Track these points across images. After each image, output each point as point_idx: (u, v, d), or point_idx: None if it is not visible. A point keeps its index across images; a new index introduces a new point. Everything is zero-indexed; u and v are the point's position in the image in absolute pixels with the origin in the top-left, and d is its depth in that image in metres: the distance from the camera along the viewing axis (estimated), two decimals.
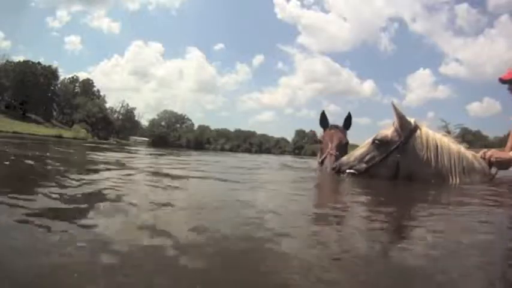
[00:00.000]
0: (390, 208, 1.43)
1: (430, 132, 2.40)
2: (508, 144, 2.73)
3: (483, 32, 78.68)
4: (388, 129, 2.49)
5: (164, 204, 1.18)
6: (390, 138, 2.42)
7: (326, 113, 3.39)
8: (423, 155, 2.32)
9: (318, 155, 3.33)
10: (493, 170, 2.50)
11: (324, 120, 3.39)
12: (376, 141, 2.46)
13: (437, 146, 2.33)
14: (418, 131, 2.38)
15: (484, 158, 2.48)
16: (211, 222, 0.98)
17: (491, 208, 1.52)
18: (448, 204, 1.64)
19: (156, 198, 1.33)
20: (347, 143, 3.16)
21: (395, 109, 2.43)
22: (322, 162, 3.05)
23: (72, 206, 1.11)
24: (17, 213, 0.92)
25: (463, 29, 79.68)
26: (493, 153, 2.49)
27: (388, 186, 2.29)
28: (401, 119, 2.41)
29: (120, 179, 1.89)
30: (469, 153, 2.41)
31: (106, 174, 2.17)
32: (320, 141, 3.30)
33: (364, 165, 2.45)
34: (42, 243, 0.73)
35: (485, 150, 2.59)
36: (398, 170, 2.35)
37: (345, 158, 2.60)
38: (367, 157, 2.47)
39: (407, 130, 2.38)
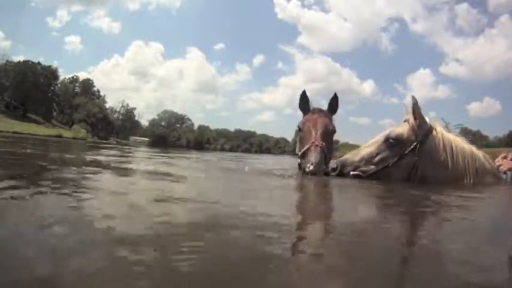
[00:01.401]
0: None
1: (444, 133, 2.26)
2: None
3: (483, 32, 78.95)
4: (401, 127, 2.28)
5: None
6: (406, 138, 2.20)
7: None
8: (440, 156, 2.17)
9: (297, 147, 2.62)
10: (503, 174, 2.43)
11: (304, 102, 2.72)
12: (391, 140, 2.22)
13: (452, 147, 2.19)
14: (434, 131, 2.22)
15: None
16: None
17: None
18: None
19: None
20: (334, 130, 2.55)
21: (416, 107, 2.22)
22: (303, 156, 2.37)
23: None
24: None
25: (463, 29, 79.94)
26: (505, 164, 2.43)
27: None
28: (421, 118, 2.23)
29: None
30: (480, 153, 2.32)
31: None
32: (300, 129, 2.59)
33: (373, 167, 2.20)
34: None
35: (504, 154, 2.48)
36: (415, 172, 2.16)
37: (348, 157, 2.31)
38: (377, 158, 2.21)
39: (424, 130, 2.20)
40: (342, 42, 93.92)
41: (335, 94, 2.74)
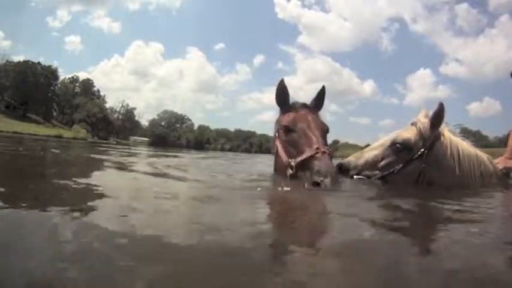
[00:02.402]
0: None
1: (452, 138, 2.20)
2: (508, 148, 2.71)
3: (483, 32, 79.22)
4: (408, 131, 2.18)
5: None
6: (414, 143, 2.11)
7: (326, 113, 2.30)
8: (448, 162, 2.11)
9: (281, 152, 2.08)
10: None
11: (283, 94, 2.24)
12: (398, 145, 2.12)
13: (459, 152, 2.15)
14: (442, 137, 2.15)
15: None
16: None
17: None
18: None
19: None
20: (328, 130, 2.15)
21: (442, 115, 2.12)
22: (302, 166, 1.85)
23: None
24: None
25: (463, 29, 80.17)
26: (501, 162, 2.44)
27: None
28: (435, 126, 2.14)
29: None
30: (484, 156, 2.29)
31: None
32: (288, 129, 2.06)
33: (377, 172, 2.12)
34: None
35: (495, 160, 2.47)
36: (422, 179, 2.11)
37: (351, 160, 2.19)
38: (383, 163, 2.12)
39: (433, 136, 2.12)
40: (342, 42, 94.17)
41: (323, 87, 2.32)
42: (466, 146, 2.23)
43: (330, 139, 2.23)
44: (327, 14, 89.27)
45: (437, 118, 2.13)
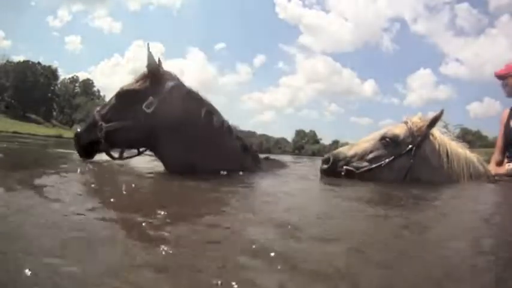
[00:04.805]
0: None
1: (441, 138, 2.24)
2: (498, 145, 2.74)
3: (484, 32, 79.21)
4: (398, 128, 2.23)
5: None
6: (402, 139, 2.16)
7: (327, 113, 2.21)
8: (436, 161, 2.16)
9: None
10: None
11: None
12: (387, 139, 2.16)
13: (447, 152, 2.18)
14: (431, 137, 2.20)
15: None
16: None
17: None
18: None
19: None
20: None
21: (440, 116, 2.19)
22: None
23: None
24: None
25: (463, 29, 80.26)
26: (492, 170, 2.48)
27: None
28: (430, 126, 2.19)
29: None
30: (474, 157, 2.33)
31: None
32: None
33: (366, 164, 2.14)
34: None
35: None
36: (411, 175, 2.13)
37: (341, 150, 2.20)
38: (371, 155, 2.14)
39: (422, 134, 2.17)
40: (343, 42, 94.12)
41: None
42: (454, 147, 2.25)
43: (330, 139, 2.17)
44: (328, 14, 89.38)
45: (433, 121, 2.18)
